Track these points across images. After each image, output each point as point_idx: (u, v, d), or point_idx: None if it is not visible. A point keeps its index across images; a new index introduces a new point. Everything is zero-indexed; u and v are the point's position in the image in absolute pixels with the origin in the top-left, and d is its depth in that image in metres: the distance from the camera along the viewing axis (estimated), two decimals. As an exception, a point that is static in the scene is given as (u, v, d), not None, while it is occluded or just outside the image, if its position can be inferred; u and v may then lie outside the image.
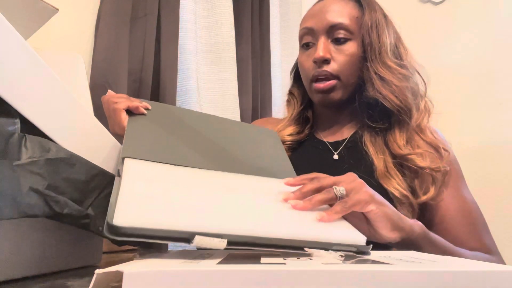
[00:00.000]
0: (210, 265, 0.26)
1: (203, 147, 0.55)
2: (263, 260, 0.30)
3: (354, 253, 0.37)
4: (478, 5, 1.63)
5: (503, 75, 1.55)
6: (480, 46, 1.60)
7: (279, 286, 0.24)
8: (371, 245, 0.39)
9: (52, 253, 0.42)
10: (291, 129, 0.81)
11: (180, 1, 1.25)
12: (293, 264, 0.28)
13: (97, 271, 0.24)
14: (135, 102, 0.57)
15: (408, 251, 0.46)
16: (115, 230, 0.30)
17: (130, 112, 0.57)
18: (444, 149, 0.71)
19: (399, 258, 0.35)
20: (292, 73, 0.90)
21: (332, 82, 0.72)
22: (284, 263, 0.28)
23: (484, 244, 0.66)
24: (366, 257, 0.36)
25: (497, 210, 1.44)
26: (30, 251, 0.39)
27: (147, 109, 0.57)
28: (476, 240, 0.66)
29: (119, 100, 0.58)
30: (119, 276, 0.23)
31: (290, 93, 0.88)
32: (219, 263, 0.28)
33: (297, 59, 0.86)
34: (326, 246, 0.36)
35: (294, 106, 0.85)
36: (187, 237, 0.31)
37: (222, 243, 0.32)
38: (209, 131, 0.60)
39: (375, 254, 0.39)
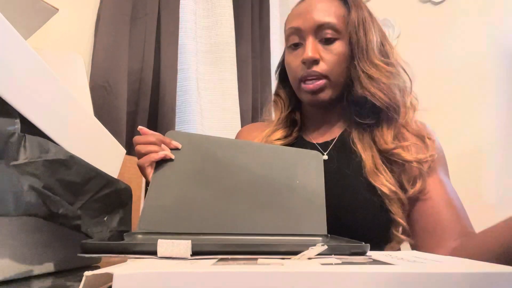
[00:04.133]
0: (204, 267, 0.26)
1: (225, 203, 0.54)
2: (260, 261, 0.30)
3: (348, 256, 0.36)
4: (478, 5, 1.63)
5: (503, 75, 1.55)
6: (480, 46, 1.60)
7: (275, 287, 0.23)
8: (368, 245, 0.38)
9: (53, 253, 0.42)
10: (279, 134, 0.80)
11: (180, 1, 1.25)
12: (291, 265, 0.27)
13: (86, 273, 0.23)
14: (163, 152, 0.56)
15: (411, 251, 0.45)
16: (83, 247, 0.33)
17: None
18: (429, 138, 0.72)
19: (401, 258, 0.34)
20: (277, 73, 0.89)
21: (321, 82, 0.72)
22: (282, 264, 0.27)
23: (465, 226, 0.67)
24: (367, 256, 0.36)
25: (496, 210, 1.44)
26: (31, 251, 0.39)
27: (177, 148, 0.57)
28: (457, 223, 0.67)
29: (146, 150, 0.57)
30: (110, 277, 0.23)
31: (277, 94, 0.87)
32: (214, 264, 0.27)
33: (284, 59, 0.86)
34: (294, 248, 0.34)
35: (282, 109, 0.84)
36: (153, 249, 0.32)
37: (187, 249, 0.31)
38: (240, 171, 0.58)
39: (376, 254, 0.38)
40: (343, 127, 0.79)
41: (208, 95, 1.35)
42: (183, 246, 0.31)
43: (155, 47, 1.16)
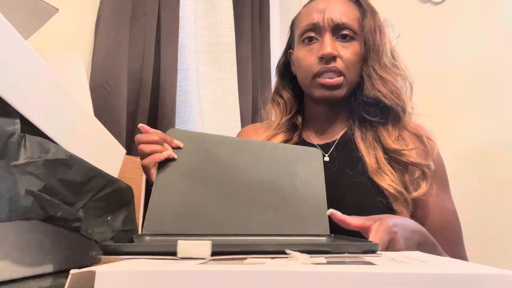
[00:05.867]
0: (189, 266, 0.26)
1: (228, 204, 0.54)
2: (246, 261, 0.30)
3: (359, 254, 0.36)
4: (478, 5, 1.63)
5: (503, 75, 1.55)
6: (480, 46, 1.60)
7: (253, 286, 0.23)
8: (378, 244, 0.38)
9: (52, 253, 0.42)
10: (279, 138, 0.80)
11: (180, 1, 1.25)
12: (271, 265, 0.27)
13: (72, 271, 0.23)
14: (166, 152, 0.56)
15: (412, 251, 0.45)
16: (105, 248, 0.34)
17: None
18: (427, 138, 0.73)
19: (392, 258, 0.34)
20: (278, 70, 0.88)
21: (340, 78, 0.73)
22: (264, 263, 0.27)
23: (457, 256, 0.67)
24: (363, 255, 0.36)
25: (497, 211, 1.44)
26: (31, 251, 0.39)
27: (179, 147, 0.57)
28: (449, 250, 0.66)
29: (150, 150, 0.57)
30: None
31: (279, 94, 0.86)
32: (200, 264, 0.27)
33: (285, 55, 0.85)
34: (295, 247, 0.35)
35: (283, 113, 0.83)
36: (172, 250, 0.32)
37: (206, 248, 0.31)
38: (242, 170, 0.58)
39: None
40: (345, 128, 0.79)
41: (208, 95, 1.35)
42: (204, 246, 0.32)
43: (155, 47, 1.16)
